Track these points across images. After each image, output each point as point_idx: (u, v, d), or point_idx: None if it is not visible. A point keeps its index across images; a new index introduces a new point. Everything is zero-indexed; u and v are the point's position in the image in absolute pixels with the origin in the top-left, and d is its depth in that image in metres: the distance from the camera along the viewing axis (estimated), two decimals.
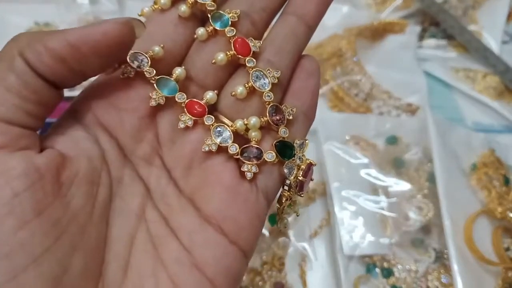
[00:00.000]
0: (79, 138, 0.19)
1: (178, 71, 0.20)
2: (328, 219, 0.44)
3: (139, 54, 0.20)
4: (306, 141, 0.21)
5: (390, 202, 0.44)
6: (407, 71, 0.56)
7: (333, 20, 0.58)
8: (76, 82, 0.18)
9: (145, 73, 0.20)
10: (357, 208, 0.43)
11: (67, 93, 0.19)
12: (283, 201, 0.21)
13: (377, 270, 0.41)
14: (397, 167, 0.46)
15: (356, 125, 0.49)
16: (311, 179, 0.21)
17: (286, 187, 0.21)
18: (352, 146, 0.47)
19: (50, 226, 0.16)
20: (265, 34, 0.22)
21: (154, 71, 0.20)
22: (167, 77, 0.20)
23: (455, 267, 0.37)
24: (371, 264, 0.41)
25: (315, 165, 0.21)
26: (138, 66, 0.20)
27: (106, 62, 0.18)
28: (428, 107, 0.52)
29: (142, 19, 0.21)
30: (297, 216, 0.22)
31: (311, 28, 0.22)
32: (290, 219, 0.43)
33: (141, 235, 0.19)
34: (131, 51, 0.19)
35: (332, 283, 0.40)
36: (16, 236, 0.15)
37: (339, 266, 0.39)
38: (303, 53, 0.23)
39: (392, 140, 0.48)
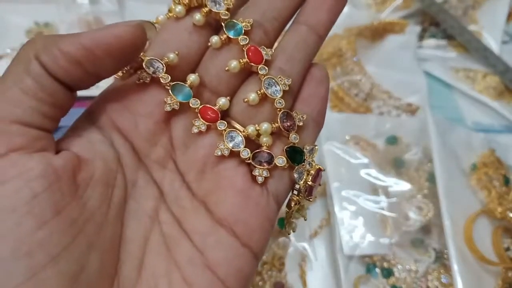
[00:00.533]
0: (95, 141, 0.19)
1: (192, 77, 0.20)
2: (328, 219, 0.44)
3: (155, 60, 0.20)
4: (316, 147, 0.22)
5: (390, 202, 0.44)
6: (407, 71, 0.56)
7: None
8: (90, 83, 0.19)
9: (161, 79, 0.20)
10: (357, 208, 0.43)
11: (81, 93, 0.19)
12: (292, 205, 0.21)
13: (377, 270, 0.41)
14: (397, 167, 0.46)
15: (356, 125, 0.49)
16: (319, 184, 0.22)
17: (295, 192, 0.21)
18: (352, 146, 0.47)
19: (67, 226, 0.17)
20: (277, 42, 0.23)
21: (169, 77, 0.20)
22: (181, 83, 0.20)
23: (455, 267, 0.37)
24: (371, 264, 0.41)
25: (323, 170, 0.22)
26: (154, 72, 0.20)
27: (119, 64, 0.19)
28: (428, 107, 0.52)
29: (157, 26, 0.21)
30: (305, 220, 0.23)
31: (321, 37, 0.23)
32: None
33: (155, 237, 0.20)
34: (147, 58, 0.20)
35: (332, 283, 0.40)
36: (35, 235, 0.16)
37: (339, 266, 0.40)
38: None
39: (392, 140, 0.48)
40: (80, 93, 0.19)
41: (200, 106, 0.20)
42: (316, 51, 0.23)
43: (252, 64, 0.21)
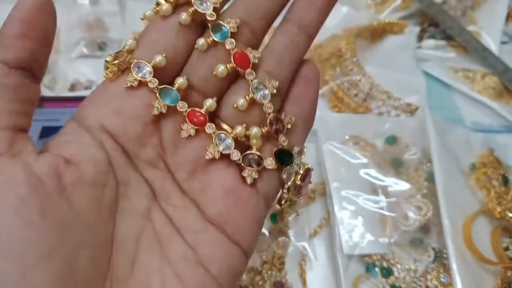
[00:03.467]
0: (85, 143, 0.19)
1: (180, 81, 0.20)
2: (327, 218, 0.44)
3: (143, 64, 0.20)
4: (304, 148, 0.22)
5: (390, 202, 0.44)
6: (406, 71, 0.56)
7: (333, 21, 0.58)
8: (45, 54, 0.19)
9: (149, 84, 0.20)
10: (356, 207, 0.43)
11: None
12: (282, 203, 0.22)
13: (377, 269, 0.41)
14: (396, 167, 0.46)
15: (356, 125, 0.49)
16: (310, 182, 0.22)
17: (285, 190, 0.21)
18: (352, 146, 0.47)
19: (55, 226, 0.17)
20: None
21: (157, 82, 0.20)
22: (169, 87, 0.20)
23: (454, 266, 0.38)
24: (370, 263, 0.41)
25: (312, 170, 0.22)
26: (142, 76, 0.20)
27: (53, 18, 0.20)
28: (427, 107, 0.52)
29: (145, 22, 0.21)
30: (297, 215, 0.23)
31: (311, 37, 0.22)
32: (290, 218, 0.44)
33: (147, 234, 0.20)
34: (135, 61, 0.20)
35: (331, 282, 0.40)
36: (24, 235, 0.16)
37: (339, 266, 0.40)
38: None
39: (392, 140, 0.48)
40: (77, 93, 0.19)
41: (188, 110, 0.20)
42: (306, 51, 0.22)
43: (239, 68, 0.20)
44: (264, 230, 0.42)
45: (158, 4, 0.21)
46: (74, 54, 0.54)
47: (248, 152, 0.21)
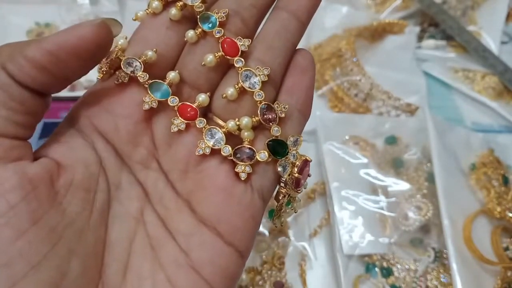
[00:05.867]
0: (77, 145, 0.19)
1: (172, 75, 0.20)
2: (327, 218, 0.44)
3: (133, 59, 0.20)
4: (300, 138, 0.21)
5: (390, 202, 0.44)
6: (406, 71, 0.56)
7: (333, 21, 0.58)
8: (60, 87, 0.18)
9: (139, 78, 0.20)
10: (356, 207, 0.43)
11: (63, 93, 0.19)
12: (280, 198, 0.21)
13: (377, 269, 0.41)
14: (396, 167, 0.46)
15: (356, 125, 0.49)
16: (309, 175, 0.21)
17: (282, 184, 0.21)
18: (352, 146, 0.47)
19: (46, 234, 0.17)
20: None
21: (147, 76, 0.20)
22: (159, 81, 0.20)
23: (454, 266, 0.38)
24: (370, 263, 0.41)
25: (310, 161, 0.21)
26: (132, 72, 0.20)
27: (87, 65, 0.18)
28: (427, 107, 0.52)
29: (137, 23, 0.21)
30: (295, 213, 0.22)
31: (304, 24, 0.21)
32: (290, 219, 0.44)
33: (140, 238, 0.20)
34: (125, 57, 0.20)
35: (331, 282, 0.41)
36: (14, 245, 0.16)
37: (339, 266, 0.40)
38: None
39: (392, 140, 0.48)
40: (77, 93, 0.19)
41: (179, 104, 0.20)
42: (299, 38, 0.21)
43: (228, 57, 0.20)
44: (264, 230, 0.42)
45: (149, 6, 0.21)
46: None
47: (239, 146, 0.20)
